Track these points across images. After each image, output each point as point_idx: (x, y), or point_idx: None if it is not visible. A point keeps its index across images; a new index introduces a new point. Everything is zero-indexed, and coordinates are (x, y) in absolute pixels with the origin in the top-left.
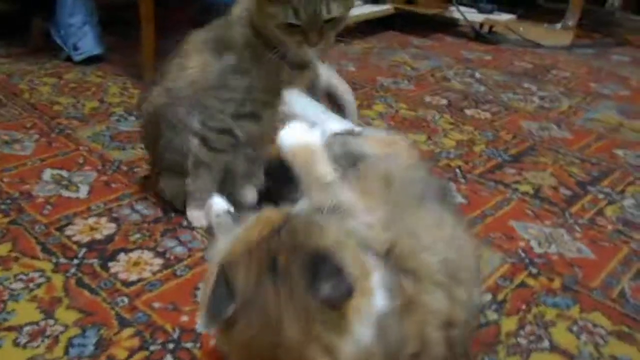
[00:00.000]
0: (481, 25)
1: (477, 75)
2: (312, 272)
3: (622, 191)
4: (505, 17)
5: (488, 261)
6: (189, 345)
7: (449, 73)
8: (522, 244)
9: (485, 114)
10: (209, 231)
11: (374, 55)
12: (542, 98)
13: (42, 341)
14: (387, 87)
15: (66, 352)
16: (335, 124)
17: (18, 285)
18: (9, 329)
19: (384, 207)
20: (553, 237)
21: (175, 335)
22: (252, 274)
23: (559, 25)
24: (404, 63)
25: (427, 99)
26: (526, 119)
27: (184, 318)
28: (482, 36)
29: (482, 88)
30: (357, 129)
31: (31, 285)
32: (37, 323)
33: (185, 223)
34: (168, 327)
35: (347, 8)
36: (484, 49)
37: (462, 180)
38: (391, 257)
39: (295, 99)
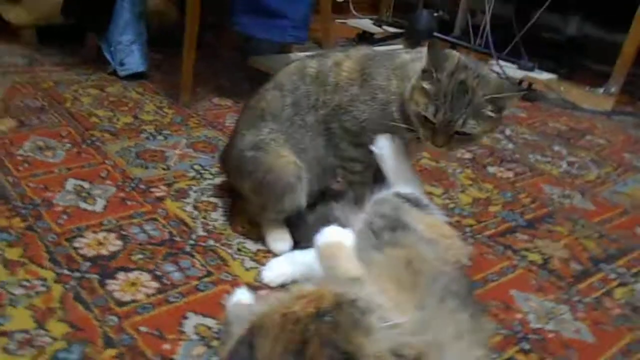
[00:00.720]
0: (520, 81)
1: (508, 132)
2: None
3: (638, 273)
4: (545, 75)
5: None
6: None
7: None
8: (519, 316)
9: (508, 174)
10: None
11: None
12: (570, 163)
13: (29, 351)
14: None
15: None
16: (407, 187)
17: (19, 291)
18: (2, 333)
19: (411, 302)
20: (553, 313)
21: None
22: (277, 351)
23: (601, 90)
24: None
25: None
26: (550, 183)
27: (166, 346)
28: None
29: (511, 145)
30: (425, 201)
31: (31, 292)
32: (28, 332)
33: (187, 249)
34: (149, 353)
35: (483, 132)
36: (520, 106)
37: (471, 240)
38: None
39: (389, 147)
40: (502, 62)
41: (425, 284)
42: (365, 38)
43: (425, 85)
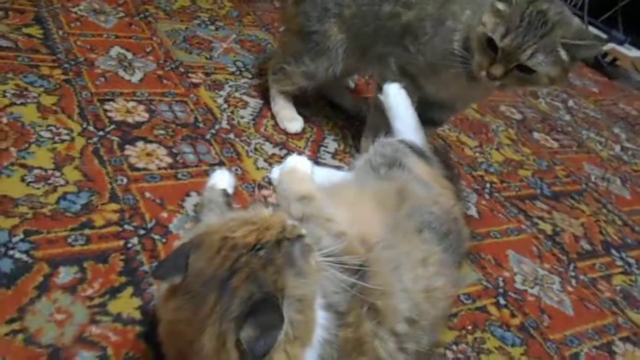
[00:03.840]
0: (605, 54)
1: (570, 103)
2: (249, 312)
3: None
4: (636, 53)
5: (464, 276)
6: (156, 237)
7: (542, 91)
8: (506, 274)
9: (552, 143)
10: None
11: None
12: (624, 149)
13: (43, 186)
14: None
15: (57, 202)
16: (412, 135)
17: (46, 134)
18: (23, 165)
19: (385, 221)
20: (543, 280)
21: (149, 225)
22: (207, 270)
23: None
24: None
25: (503, 108)
26: (593, 163)
27: (164, 214)
28: (601, 65)
29: (568, 117)
30: (428, 153)
31: (56, 138)
32: (45, 170)
33: (208, 136)
34: (147, 216)
35: (547, 76)
36: (595, 79)
37: (487, 197)
38: (365, 278)
39: (396, 93)
40: (590, 28)
41: (408, 211)
42: None
43: (500, 5)
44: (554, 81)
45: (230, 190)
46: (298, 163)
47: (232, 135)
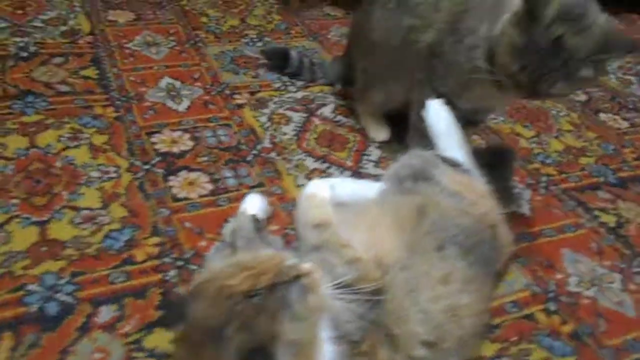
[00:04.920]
0: None
1: None
2: None
3: None
4: None
5: (511, 281)
6: (194, 267)
7: (612, 65)
8: (559, 276)
9: (622, 123)
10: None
11: None
12: None
13: (90, 226)
14: None
15: (102, 241)
16: (454, 152)
17: (95, 174)
18: (73, 208)
19: (401, 241)
20: (601, 279)
21: (188, 255)
22: (205, 320)
23: None
24: None
25: None
26: None
27: (202, 243)
28: None
29: None
30: (466, 165)
31: (105, 177)
32: (93, 210)
33: (249, 158)
34: (186, 246)
35: (583, 86)
36: None
37: (542, 191)
38: (379, 305)
39: (437, 110)
40: None
41: (428, 228)
42: None
43: (515, 35)
44: (587, 86)
45: (261, 215)
46: (316, 189)
47: (273, 154)
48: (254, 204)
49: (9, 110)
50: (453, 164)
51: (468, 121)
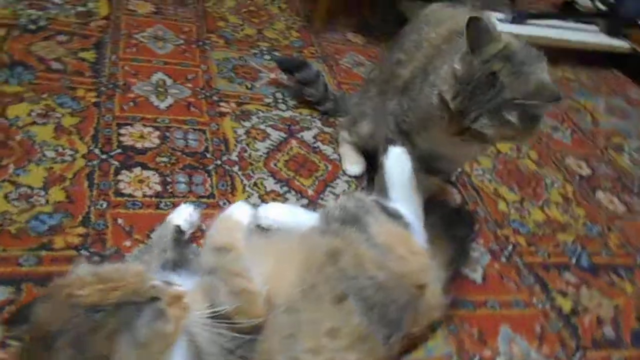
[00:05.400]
0: None
1: None
2: None
3: None
4: None
5: (432, 347)
6: None
7: (632, 144)
8: (487, 353)
9: (618, 207)
10: None
11: (562, 87)
12: None
13: (21, 204)
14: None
15: (27, 221)
16: (402, 205)
17: (50, 154)
18: (14, 182)
19: (301, 281)
20: None
21: (107, 252)
22: (47, 325)
23: None
24: (589, 111)
25: (569, 161)
26: None
27: (127, 243)
28: None
29: None
30: (409, 219)
31: (58, 159)
32: (32, 189)
33: (210, 167)
34: (109, 243)
35: (500, 136)
36: None
37: (503, 259)
38: (250, 343)
39: (397, 159)
40: None
41: (332, 275)
42: (567, 9)
43: (457, 65)
44: (513, 139)
45: (186, 227)
46: (235, 211)
47: (236, 168)
48: (182, 215)
49: None
50: (393, 215)
51: (429, 170)
